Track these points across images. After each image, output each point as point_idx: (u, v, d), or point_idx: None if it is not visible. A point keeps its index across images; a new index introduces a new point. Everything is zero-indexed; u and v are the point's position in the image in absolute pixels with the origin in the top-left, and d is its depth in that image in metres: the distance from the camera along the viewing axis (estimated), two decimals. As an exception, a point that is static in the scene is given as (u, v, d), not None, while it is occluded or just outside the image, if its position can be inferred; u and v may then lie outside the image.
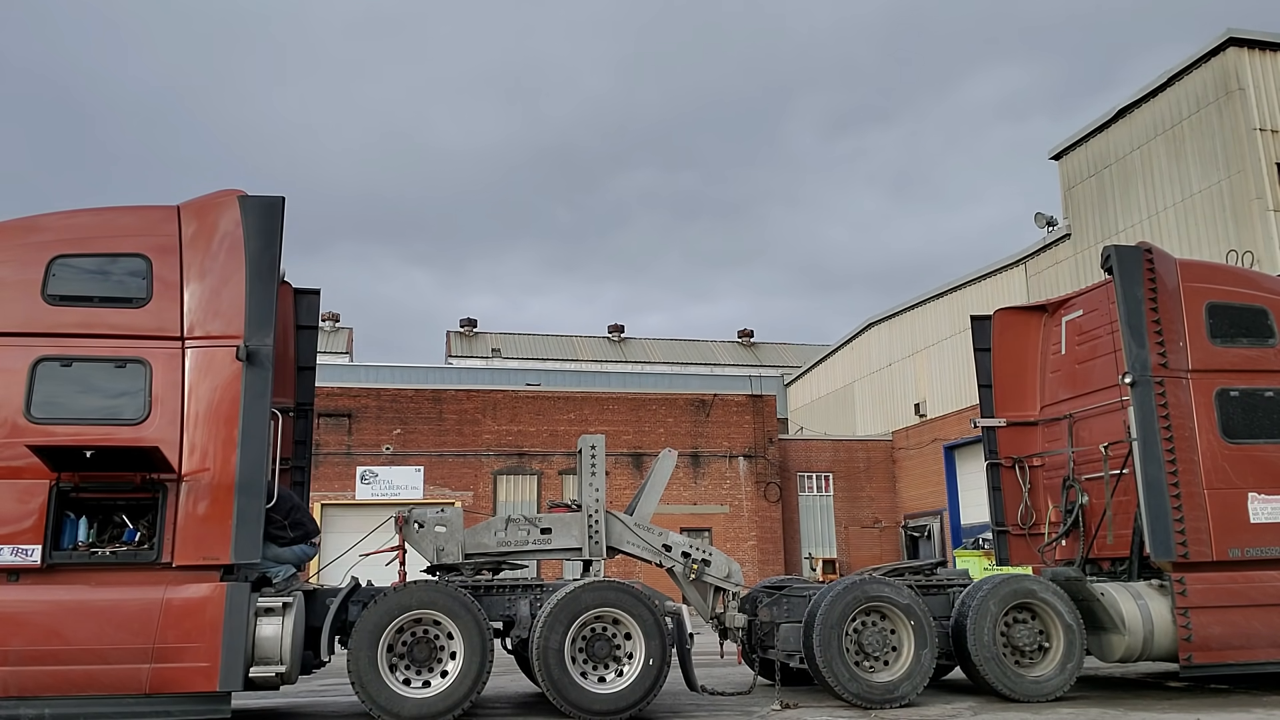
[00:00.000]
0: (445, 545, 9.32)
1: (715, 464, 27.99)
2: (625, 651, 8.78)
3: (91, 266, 8.26)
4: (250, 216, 8.46)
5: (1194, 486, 9.44)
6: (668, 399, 28.68)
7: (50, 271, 8.16)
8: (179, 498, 7.85)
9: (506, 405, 27.36)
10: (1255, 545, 9.44)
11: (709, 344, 50.16)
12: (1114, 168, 23.28)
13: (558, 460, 26.97)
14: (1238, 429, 9.69)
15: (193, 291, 8.30)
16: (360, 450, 26.05)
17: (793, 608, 9.63)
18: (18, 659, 7.37)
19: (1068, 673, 9.40)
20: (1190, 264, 10.41)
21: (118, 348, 8.09)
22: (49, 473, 7.72)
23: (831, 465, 30.62)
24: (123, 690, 7.50)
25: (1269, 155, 19.60)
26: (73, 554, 7.71)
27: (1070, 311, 11.52)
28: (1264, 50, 20.25)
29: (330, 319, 45.38)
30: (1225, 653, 9.25)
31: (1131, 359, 9.64)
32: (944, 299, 29.81)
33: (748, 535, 27.70)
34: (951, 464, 28.53)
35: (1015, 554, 11.59)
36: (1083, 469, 10.92)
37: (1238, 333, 9.96)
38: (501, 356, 44.80)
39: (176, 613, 7.61)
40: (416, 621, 8.49)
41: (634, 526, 9.87)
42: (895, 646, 9.32)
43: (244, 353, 8.10)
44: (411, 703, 8.21)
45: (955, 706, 9.21)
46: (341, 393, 26.29)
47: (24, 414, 7.81)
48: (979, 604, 9.43)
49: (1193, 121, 21.03)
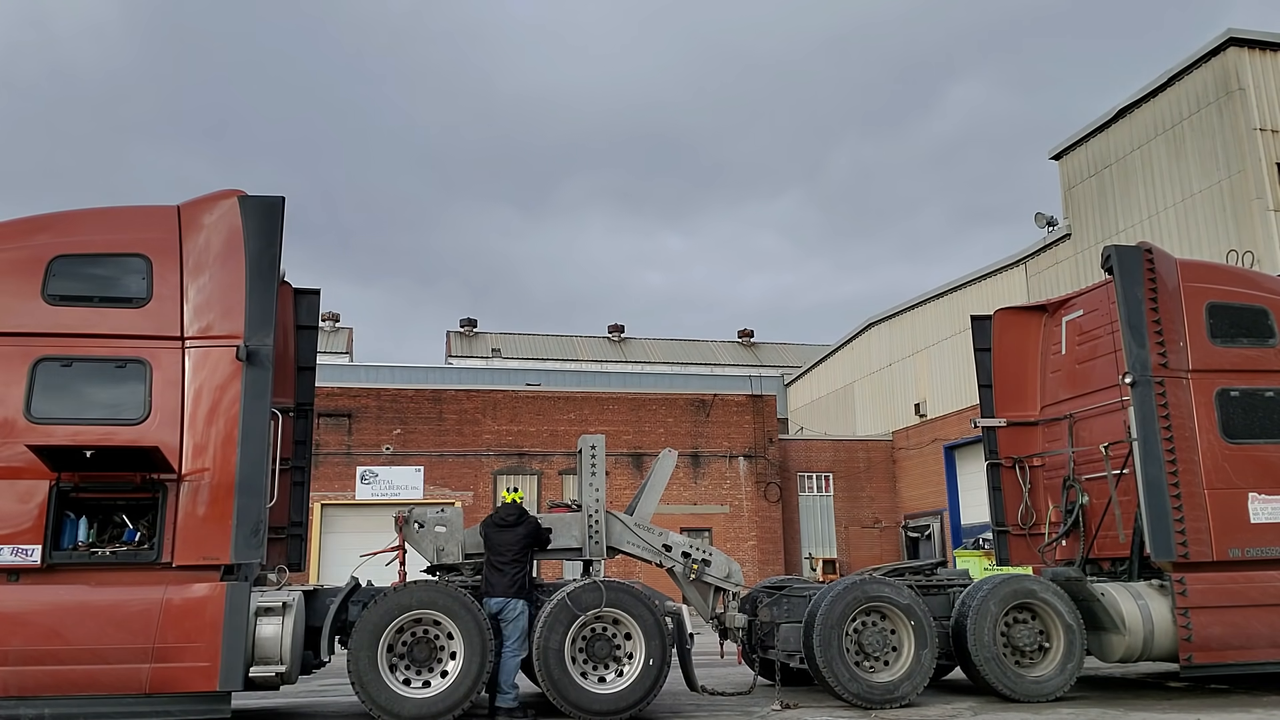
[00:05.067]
0: (445, 545, 9.32)
1: (715, 464, 27.98)
2: (625, 651, 8.79)
3: (92, 266, 8.26)
4: (250, 216, 8.46)
5: (1194, 486, 9.44)
6: (668, 399, 28.67)
7: (50, 271, 8.17)
8: (179, 498, 7.86)
9: (506, 405, 27.35)
10: (1255, 545, 9.44)
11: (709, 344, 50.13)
12: (1114, 168, 23.27)
13: (558, 460, 26.96)
14: (1238, 429, 9.69)
15: (193, 291, 8.30)
16: (360, 450, 26.04)
17: (793, 608, 9.63)
18: (18, 659, 7.37)
19: (1068, 673, 9.40)
20: (1190, 264, 10.42)
21: (118, 348, 8.10)
22: (49, 473, 7.72)
23: (832, 465, 30.61)
24: (123, 690, 7.50)
25: (1269, 155, 19.58)
26: (73, 554, 7.72)
27: (1070, 311, 11.52)
28: (1264, 50, 20.24)
29: (330, 319, 45.38)
30: (1225, 653, 9.25)
31: (1132, 359, 9.64)
32: (944, 299, 29.80)
33: (748, 535, 27.69)
34: (951, 464, 28.52)
35: (1015, 554, 11.59)
36: (1083, 469, 10.92)
37: (1238, 333, 9.96)
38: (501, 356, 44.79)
39: (176, 613, 7.61)
40: (416, 621, 8.50)
41: (634, 526, 9.87)
42: (895, 646, 9.32)
43: (244, 353, 8.10)
44: (411, 703, 8.21)
45: (955, 706, 9.21)
46: (341, 393, 26.28)
47: (24, 414, 7.82)
48: (979, 604, 9.43)
49: (1193, 121, 21.02)
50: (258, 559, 7.90)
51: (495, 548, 8.91)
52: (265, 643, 8.02)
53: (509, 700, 8.57)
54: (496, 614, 8.66)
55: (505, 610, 8.66)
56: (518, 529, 8.99)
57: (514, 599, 8.70)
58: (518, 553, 8.88)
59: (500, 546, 8.89)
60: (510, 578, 8.76)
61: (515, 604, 8.70)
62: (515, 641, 8.64)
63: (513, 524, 9.01)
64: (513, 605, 8.68)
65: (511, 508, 9.15)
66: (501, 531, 8.97)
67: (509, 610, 8.67)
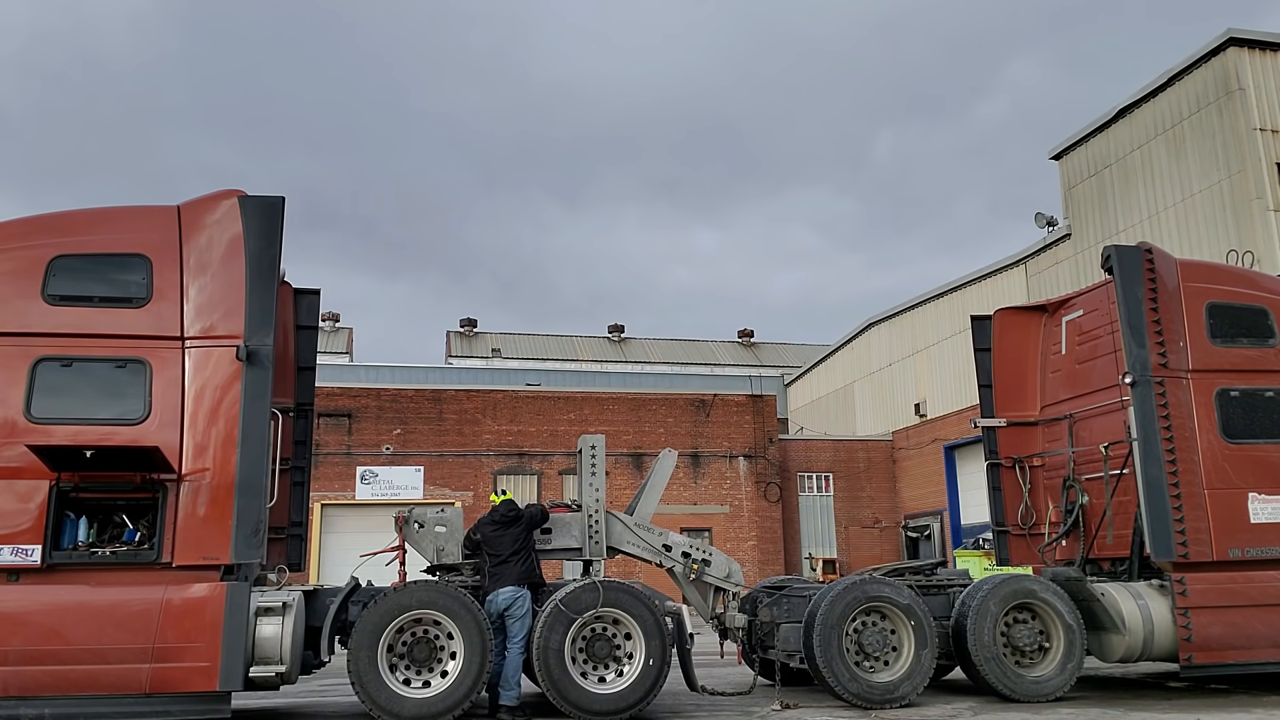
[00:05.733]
0: (445, 545, 9.32)
1: (715, 464, 27.98)
2: (625, 651, 8.79)
3: (91, 266, 8.26)
4: (250, 216, 8.46)
5: (1194, 486, 9.44)
6: (668, 399, 28.67)
7: (50, 271, 8.16)
8: (179, 498, 7.85)
9: (506, 405, 27.35)
10: (1255, 545, 9.44)
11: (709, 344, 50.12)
12: (1114, 168, 23.27)
13: (558, 460, 26.96)
14: (1238, 429, 9.69)
15: (193, 291, 8.30)
16: (360, 450, 26.03)
17: (793, 608, 9.62)
18: (18, 659, 7.37)
19: (1068, 673, 9.40)
20: (1190, 264, 10.42)
21: (118, 348, 8.09)
22: (49, 473, 7.72)
23: (831, 465, 30.61)
24: (123, 690, 7.50)
25: (1269, 155, 19.59)
26: (73, 554, 7.72)
27: (1070, 311, 11.52)
28: (1264, 50, 20.24)
29: (330, 319, 45.38)
30: (1225, 653, 9.25)
31: (1132, 359, 9.64)
32: (944, 299, 29.80)
33: (748, 535, 27.69)
34: (951, 464, 28.52)
35: (1015, 554, 11.59)
36: (1083, 469, 10.92)
37: (1238, 333, 9.96)
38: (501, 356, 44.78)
39: (176, 613, 7.60)
40: (416, 621, 8.49)
41: (634, 526, 9.87)
42: (895, 647, 9.32)
43: (244, 353, 8.10)
44: (411, 703, 8.21)
45: (955, 706, 9.20)
46: (341, 393, 26.28)
47: (24, 414, 7.81)
48: (979, 604, 9.43)
49: (1193, 121, 21.02)
50: (258, 559, 7.90)
51: (497, 546, 8.91)
52: (265, 643, 8.02)
53: (513, 698, 8.57)
54: (505, 609, 8.65)
55: (515, 605, 8.66)
56: (519, 523, 9.04)
57: (522, 590, 8.72)
58: (522, 544, 8.93)
59: (503, 543, 8.90)
60: (519, 569, 8.79)
61: (523, 598, 8.70)
62: (522, 638, 8.64)
63: (514, 519, 9.05)
64: (520, 600, 8.68)
65: (510, 504, 9.18)
66: (504, 529, 8.99)
67: (518, 606, 8.66)
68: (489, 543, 9.00)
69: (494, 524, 9.06)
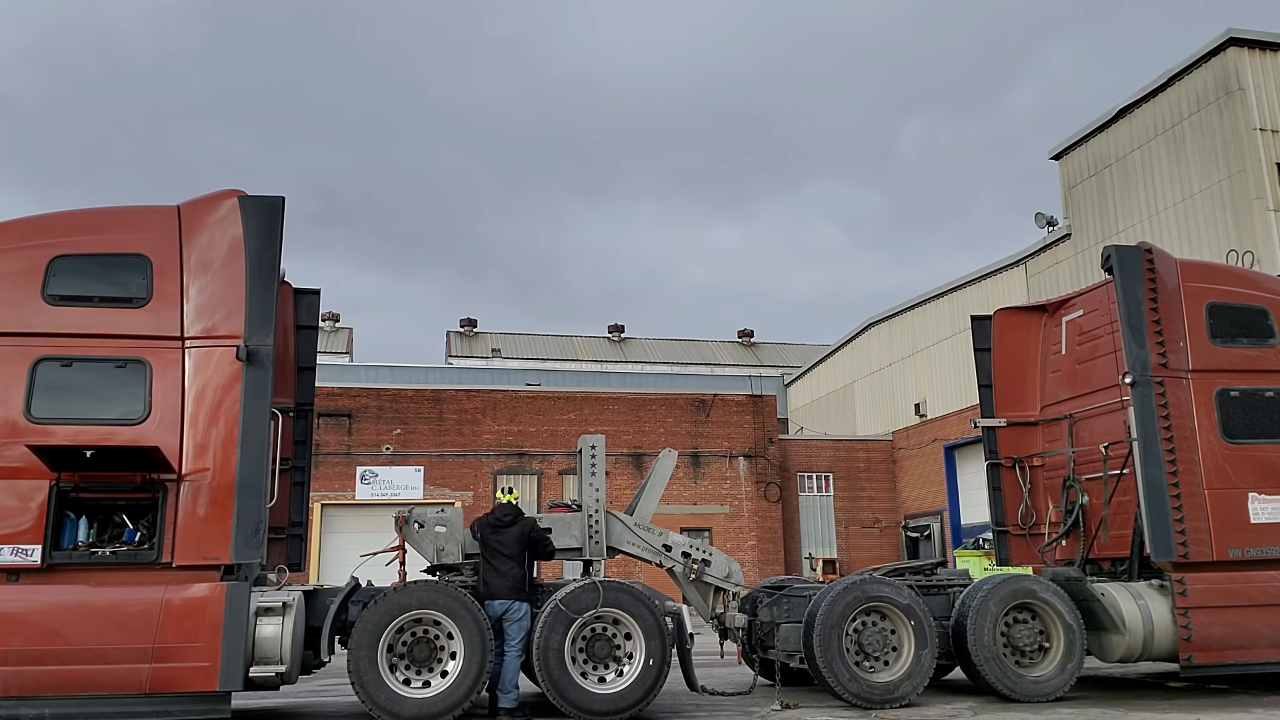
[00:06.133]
0: (445, 545, 9.32)
1: (715, 464, 27.98)
2: (625, 651, 8.79)
3: (91, 266, 8.26)
4: (250, 216, 8.46)
5: (1194, 486, 9.44)
6: (668, 399, 28.67)
7: (50, 271, 8.16)
8: (179, 498, 7.86)
9: (506, 405, 27.35)
10: (1255, 545, 9.44)
11: (709, 344, 50.13)
12: (1114, 168, 23.27)
13: (558, 460, 26.96)
14: (1238, 429, 9.69)
15: (193, 291, 8.30)
16: (360, 450, 26.04)
17: (793, 608, 9.63)
18: (18, 659, 7.37)
19: (1068, 673, 9.40)
20: (1190, 264, 10.42)
21: (118, 348, 8.10)
22: (49, 473, 7.72)
23: (831, 465, 30.61)
24: (123, 690, 7.50)
25: (1269, 155, 19.59)
26: (73, 554, 7.72)
27: (1070, 311, 11.52)
28: (1264, 50, 20.24)
29: (330, 319, 45.38)
30: (1225, 653, 9.25)
31: (1132, 359, 9.64)
32: (944, 299, 29.80)
33: (748, 535, 27.69)
34: (951, 464, 28.52)
35: (1015, 554, 11.59)
36: (1083, 469, 10.92)
37: (1238, 333, 9.96)
38: (501, 356, 44.79)
39: (176, 613, 7.60)
40: (416, 621, 8.50)
41: (634, 526, 9.87)
42: (895, 646, 9.32)
43: (244, 353, 8.10)
44: (411, 703, 8.21)
45: (955, 706, 9.21)
46: (341, 393, 26.28)
47: (24, 414, 7.82)
48: (979, 604, 9.43)
49: (1193, 121, 21.02)
50: (258, 559, 7.90)
51: (492, 548, 8.90)
52: (265, 643, 8.02)
53: (511, 700, 8.58)
54: (501, 615, 8.66)
55: (509, 612, 8.67)
56: (513, 529, 8.97)
57: (518, 601, 8.71)
58: (516, 552, 8.86)
59: (498, 547, 8.87)
60: (511, 579, 8.76)
61: (520, 605, 8.70)
62: (519, 641, 8.64)
63: (509, 524, 8.99)
64: (517, 607, 8.68)
65: (508, 508, 9.12)
66: (498, 532, 8.95)
67: (513, 611, 8.67)
68: (483, 542, 9.00)
69: (490, 525, 9.05)
